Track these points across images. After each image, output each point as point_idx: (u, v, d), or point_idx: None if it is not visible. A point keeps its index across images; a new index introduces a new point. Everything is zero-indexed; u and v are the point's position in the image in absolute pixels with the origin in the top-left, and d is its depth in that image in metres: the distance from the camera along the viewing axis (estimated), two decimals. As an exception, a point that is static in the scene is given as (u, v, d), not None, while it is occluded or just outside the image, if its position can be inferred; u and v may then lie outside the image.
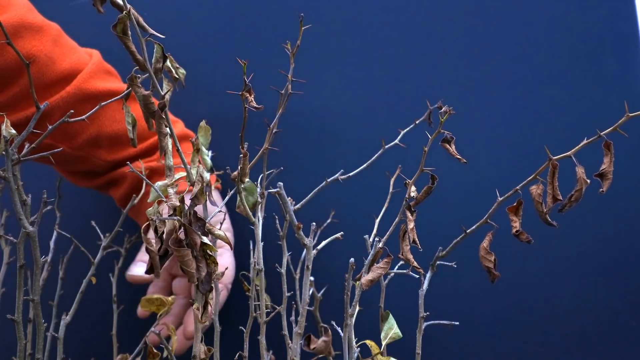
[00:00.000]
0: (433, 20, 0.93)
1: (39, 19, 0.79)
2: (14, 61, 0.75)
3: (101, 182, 0.86)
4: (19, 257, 0.56)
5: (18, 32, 0.76)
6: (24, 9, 0.78)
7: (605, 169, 0.57)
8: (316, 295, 0.75)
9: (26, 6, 0.79)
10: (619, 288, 0.87)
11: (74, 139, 0.82)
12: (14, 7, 0.77)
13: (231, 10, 0.97)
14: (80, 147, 0.82)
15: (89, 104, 0.79)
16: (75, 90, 0.79)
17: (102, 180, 0.86)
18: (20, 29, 0.76)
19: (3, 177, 0.53)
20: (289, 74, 0.60)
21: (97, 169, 0.85)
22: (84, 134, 0.81)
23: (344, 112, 0.93)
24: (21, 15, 0.77)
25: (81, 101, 0.79)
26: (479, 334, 0.89)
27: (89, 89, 0.80)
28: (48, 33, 0.79)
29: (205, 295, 0.57)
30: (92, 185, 0.87)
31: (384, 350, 0.66)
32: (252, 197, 0.63)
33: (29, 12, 0.79)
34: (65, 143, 0.82)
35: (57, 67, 0.79)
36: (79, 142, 0.82)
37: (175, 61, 0.57)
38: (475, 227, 0.62)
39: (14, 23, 0.75)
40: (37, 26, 0.78)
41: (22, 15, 0.77)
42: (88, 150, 0.83)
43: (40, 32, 0.78)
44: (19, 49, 0.74)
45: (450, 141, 0.62)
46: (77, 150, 0.82)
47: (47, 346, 0.73)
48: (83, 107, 0.79)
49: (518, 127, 0.90)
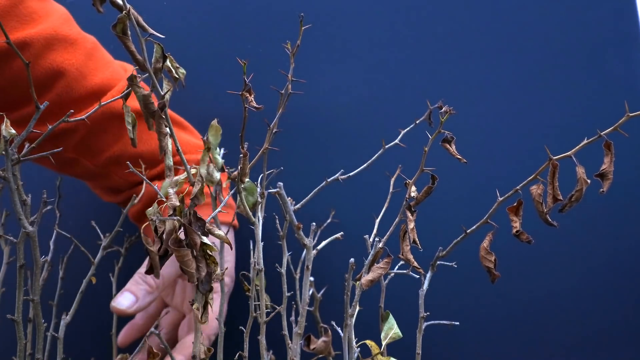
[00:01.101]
0: (433, 20, 0.93)
1: (74, 31, 0.78)
2: (43, 75, 0.73)
3: (123, 199, 0.85)
4: (19, 257, 0.56)
5: (50, 44, 0.74)
6: (60, 20, 0.76)
7: (605, 169, 0.57)
8: (316, 295, 0.75)
9: (63, 17, 0.77)
10: (619, 288, 0.87)
11: (98, 156, 0.80)
12: (50, 18, 0.76)
13: (231, 10, 0.97)
14: (103, 164, 0.81)
15: (117, 121, 0.77)
16: (103, 109, 0.76)
17: (123, 196, 0.85)
18: (53, 42, 0.74)
19: (3, 177, 0.53)
20: (289, 74, 0.60)
21: (118, 186, 0.84)
22: (108, 152, 0.80)
23: (344, 112, 0.93)
24: (55, 27, 0.75)
25: (109, 118, 0.77)
26: (479, 334, 0.89)
27: (118, 106, 0.76)
28: (82, 46, 0.77)
29: (205, 295, 0.57)
30: (116, 200, 0.86)
31: (384, 350, 0.66)
32: (252, 197, 0.63)
33: (65, 24, 0.77)
34: (89, 159, 0.80)
35: (88, 82, 0.77)
36: (102, 159, 0.80)
37: (175, 61, 0.57)
38: (475, 227, 0.62)
39: (47, 35, 0.74)
40: (71, 39, 0.76)
41: (56, 28, 0.75)
42: (110, 168, 0.81)
43: (74, 45, 0.76)
44: (50, 61, 0.74)
45: (451, 141, 0.62)
46: (99, 168, 0.81)
47: (47, 346, 0.73)
48: (111, 124, 0.77)
49: (518, 127, 0.90)
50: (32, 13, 0.74)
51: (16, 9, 0.72)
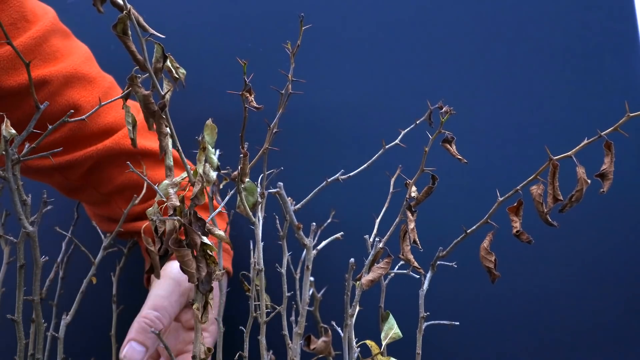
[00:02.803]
0: (433, 20, 0.93)
1: (94, 70, 0.79)
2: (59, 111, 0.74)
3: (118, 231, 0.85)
4: (19, 257, 0.56)
5: (69, 81, 0.76)
6: (81, 59, 0.78)
7: (605, 169, 0.57)
8: (316, 295, 0.75)
9: (84, 56, 0.79)
10: (619, 288, 0.87)
11: (104, 186, 0.81)
12: (72, 56, 0.77)
13: (231, 10, 0.97)
14: (108, 193, 0.81)
15: (124, 157, 0.78)
16: (112, 145, 0.78)
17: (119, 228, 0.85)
18: (72, 79, 0.76)
19: (3, 177, 0.53)
20: (289, 74, 0.60)
21: (116, 216, 0.83)
22: (113, 183, 0.80)
23: (344, 112, 0.93)
24: (76, 65, 0.77)
25: (115, 155, 0.78)
26: (479, 334, 0.89)
27: (126, 145, 0.78)
28: (100, 85, 0.79)
29: (205, 295, 0.57)
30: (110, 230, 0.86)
31: (384, 350, 0.66)
32: (252, 197, 0.63)
33: (86, 62, 0.79)
34: (95, 188, 0.81)
35: (102, 119, 0.78)
36: (108, 189, 0.81)
37: (175, 61, 0.57)
38: (475, 227, 0.62)
39: (66, 73, 0.76)
40: (90, 78, 0.78)
41: (76, 66, 0.77)
42: (113, 197, 0.82)
43: (92, 83, 0.78)
44: (67, 98, 0.76)
45: (451, 141, 0.62)
46: (104, 196, 0.82)
47: (47, 346, 0.73)
48: (116, 161, 0.79)
49: (518, 127, 0.90)
50: (56, 52, 0.76)
51: (40, 47, 0.74)
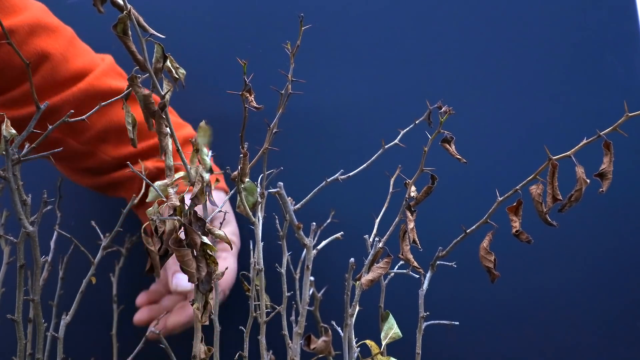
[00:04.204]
0: (433, 20, 0.93)
1: (55, 20, 0.82)
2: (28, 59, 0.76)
3: (104, 182, 0.86)
4: (19, 257, 0.56)
5: (35, 31, 0.78)
6: (40, 10, 0.81)
7: (605, 169, 0.57)
8: (316, 295, 0.75)
9: (42, 9, 0.82)
10: (619, 288, 0.87)
11: (83, 134, 0.83)
12: (31, 9, 0.80)
13: (231, 10, 0.97)
14: (88, 141, 0.83)
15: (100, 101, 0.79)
16: (87, 87, 0.81)
17: (105, 179, 0.86)
18: (37, 28, 0.78)
19: (3, 177, 0.53)
20: (289, 74, 0.60)
21: (101, 165, 0.85)
22: (93, 129, 0.82)
23: (344, 112, 0.93)
24: (38, 16, 0.79)
25: (92, 98, 0.81)
26: (479, 334, 0.89)
27: (101, 86, 0.82)
28: (63, 34, 0.82)
29: (205, 295, 0.57)
30: (95, 182, 0.87)
31: (384, 350, 0.66)
32: (252, 197, 0.63)
33: (45, 13, 0.82)
34: (74, 137, 0.83)
35: (71, 65, 0.81)
36: (87, 136, 0.83)
37: (175, 61, 0.57)
38: (475, 227, 0.62)
39: (31, 23, 0.78)
40: (53, 27, 0.81)
41: (38, 17, 0.79)
42: (95, 145, 0.84)
43: (56, 32, 0.81)
44: (34, 46, 0.78)
45: (450, 141, 0.62)
46: (84, 145, 0.83)
47: (47, 346, 0.73)
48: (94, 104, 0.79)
49: (518, 127, 0.90)
50: (13, 5, 0.78)
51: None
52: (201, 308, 0.56)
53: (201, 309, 0.56)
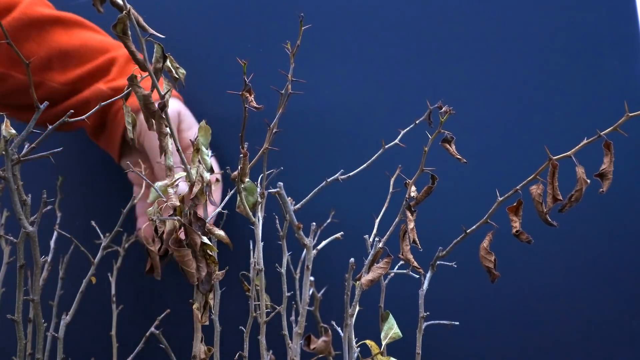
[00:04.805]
0: (433, 20, 0.93)
1: None
2: None
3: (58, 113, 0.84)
4: (19, 257, 0.56)
5: None
6: None
7: (605, 169, 0.57)
8: (316, 295, 0.75)
9: None
10: (619, 288, 0.87)
11: None
12: None
13: (231, 10, 0.97)
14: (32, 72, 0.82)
15: (35, 29, 0.82)
16: (20, 16, 0.82)
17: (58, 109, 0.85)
18: None
19: (3, 177, 0.53)
20: (289, 74, 0.60)
21: (51, 95, 0.84)
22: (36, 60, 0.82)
23: (344, 112, 0.93)
24: None
25: (27, 26, 0.82)
26: (479, 334, 0.89)
27: (34, 14, 0.83)
28: None
29: (205, 295, 0.57)
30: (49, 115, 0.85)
31: (384, 350, 0.66)
32: (252, 197, 0.63)
33: None
34: (18, 71, 0.83)
35: None
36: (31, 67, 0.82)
37: (175, 61, 0.57)
38: (475, 227, 0.62)
39: None
40: None
41: None
42: (41, 75, 0.84)
43: None
44: None
45: (450, 141, 0.62)
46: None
47: (47, 346, 0.73)
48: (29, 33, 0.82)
49: (518, 127, 0.90)
50: None
51: None
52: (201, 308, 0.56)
53: (201, 309, 0.56)
